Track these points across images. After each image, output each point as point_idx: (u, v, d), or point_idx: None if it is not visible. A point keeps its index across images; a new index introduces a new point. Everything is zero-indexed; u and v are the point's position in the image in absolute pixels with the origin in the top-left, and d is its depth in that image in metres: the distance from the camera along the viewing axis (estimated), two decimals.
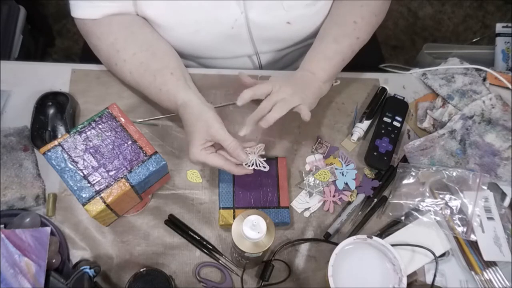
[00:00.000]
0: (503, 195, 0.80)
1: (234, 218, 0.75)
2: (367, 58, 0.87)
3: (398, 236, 0.76)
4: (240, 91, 0.90)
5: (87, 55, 0.89)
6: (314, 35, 0.88)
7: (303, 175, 0.82)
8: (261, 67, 0.93)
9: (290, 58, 0.96)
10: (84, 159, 0.63)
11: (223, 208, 0.76)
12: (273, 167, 0.79)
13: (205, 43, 0.83)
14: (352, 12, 0.81)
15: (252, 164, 0.73)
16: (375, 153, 0.83)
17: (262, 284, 0.73)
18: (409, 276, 0.72)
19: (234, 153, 0.70)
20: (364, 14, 0.81)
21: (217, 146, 0.73)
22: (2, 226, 0.71)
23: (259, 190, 0.78)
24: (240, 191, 0.77)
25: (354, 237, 0.71)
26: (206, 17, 0.78)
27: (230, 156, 0.72)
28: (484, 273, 0.74)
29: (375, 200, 0.81)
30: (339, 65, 0.80)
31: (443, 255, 0.76)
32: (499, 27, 1.10)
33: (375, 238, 0.70)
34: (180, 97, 0.74)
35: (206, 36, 0.81)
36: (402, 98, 0.88)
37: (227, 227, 0.76)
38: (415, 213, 0.78)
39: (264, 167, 0.74)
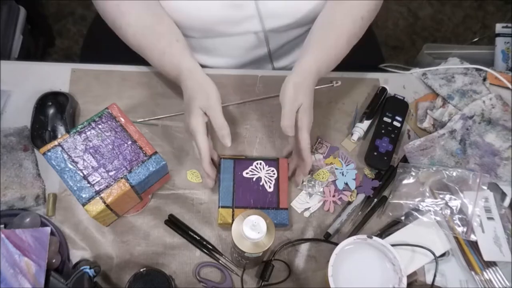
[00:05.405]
0: (503, 195, 0.80)
1: (233, 217, 0.75)
2: (367, 58, 0.86)
3: (398, 236, 0.76)
4: (240, 91, 0.90)
5: (87, 55, 0.89)
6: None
7: None
8: (268, 47, 0.91)
9: (297, 42, 0.93)
10: (84, 159, 0.64)
11: (222, 207, 0.76)
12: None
13: (210, 16, 0.81)
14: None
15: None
16: (375, 153, 0.82)
17: (262, 284, 0.73)
18: (409, 276, 0.72)
19: (220, 132, 0.70)
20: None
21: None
22: (2, 226, 0.71)
23: (259, 190, 0.78)
24: (240, 190, 0.77)
25: (354, 237, 0.70)
26: None
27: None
28: (484, 273, 0.74)
29: (375, 200, 0.80)
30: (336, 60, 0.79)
31: (443, 255, 0.76)
32: (499, 27, 1.10)
33: (375, 238, 0.70)
34: (185, 61, 0.74)
35: (211, 9, 0.80)
36: (402, 98, 0.88)
37: (226, 226, 0.76)
38: (415, 213, 0.78)
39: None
